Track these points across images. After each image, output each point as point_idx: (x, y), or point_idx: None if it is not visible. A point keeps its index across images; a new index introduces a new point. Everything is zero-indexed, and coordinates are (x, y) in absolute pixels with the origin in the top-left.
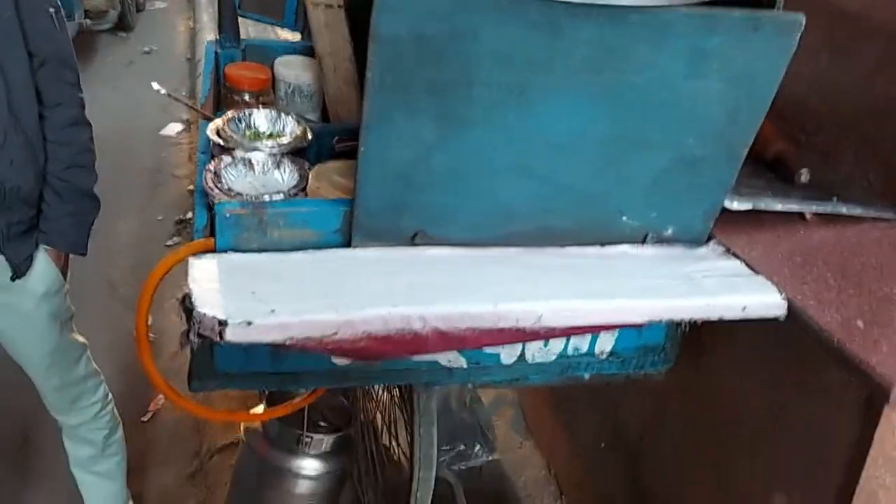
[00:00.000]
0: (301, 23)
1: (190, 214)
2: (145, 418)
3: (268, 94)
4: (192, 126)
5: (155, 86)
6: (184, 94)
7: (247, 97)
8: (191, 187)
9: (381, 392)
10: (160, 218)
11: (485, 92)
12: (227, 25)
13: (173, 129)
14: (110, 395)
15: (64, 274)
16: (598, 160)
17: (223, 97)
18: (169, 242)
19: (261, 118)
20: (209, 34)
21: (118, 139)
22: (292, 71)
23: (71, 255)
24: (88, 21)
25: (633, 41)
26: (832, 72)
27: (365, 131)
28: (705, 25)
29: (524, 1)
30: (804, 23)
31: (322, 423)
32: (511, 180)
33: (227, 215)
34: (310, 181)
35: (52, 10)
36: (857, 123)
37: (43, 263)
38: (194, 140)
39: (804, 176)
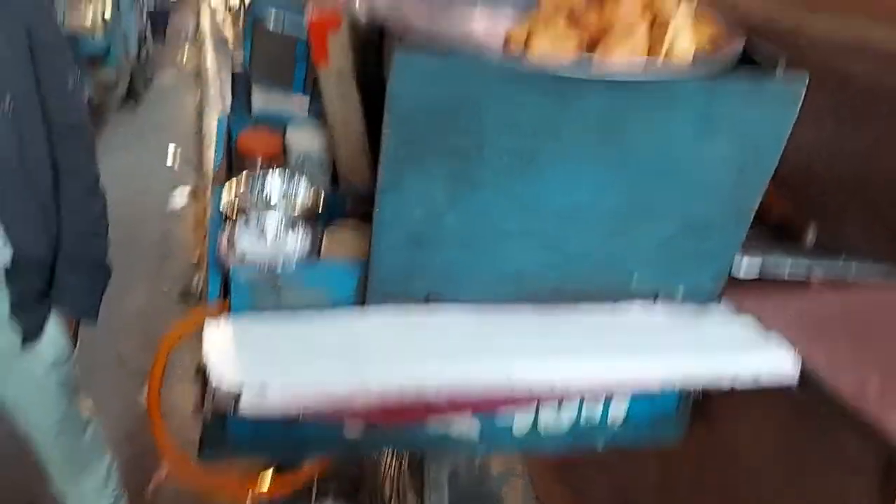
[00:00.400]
0: (311, 89)
1: (195, 285)
2: (149, 490)
3: (279, 162)
4: (198, 196)
5: (169, 161)
6: (191, 167)
7: (258, 165)
8: (195, 262)
9: (390, 461)
10: (166, 290)
11: (495, 158)
12: (239, 95)
13: (179, 199)
14: (116, 465)
15: (73, 342)
16: (608, 225)
17: (235, 166)
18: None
19: (275, 179)
20: (216, 108)
21: (125, 211)
22: (303, 139)
23: (80, 326)
24: (98, 95)
25: (639, 111)
26: (837, 137)
27: (380, 195)
28: (711, 94)
29: (533, 74)
30: (806, 89)
31: (330, 492)
32: (521, 243)
33: (242, 280)
34: (324, 243)
35: (71, 80)
36: (863, 189)
37: (54, 330)
38: (200, 211)
39: (811, 238)
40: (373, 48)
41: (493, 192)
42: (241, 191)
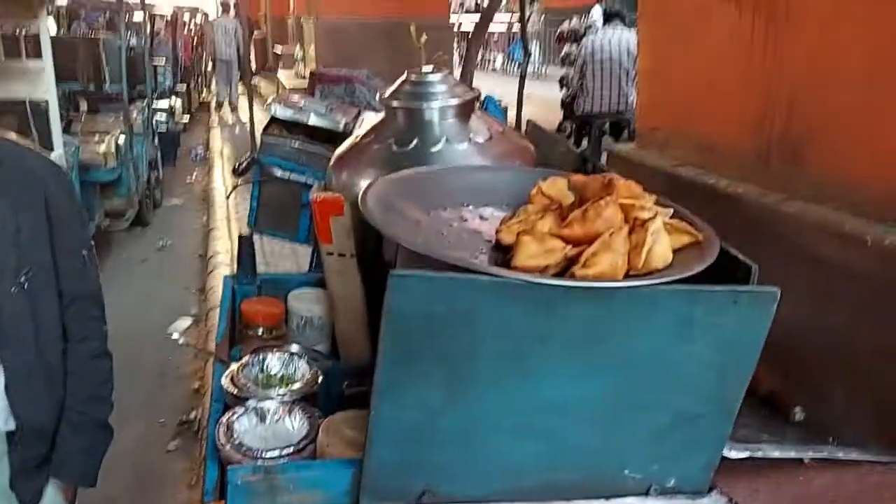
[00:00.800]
0: (314, 247)
1: (193, 415)
2: None
3: (280, 328)
4: (199, 323)
5: (175, 335)
6: (195, 291)
7: (260, 332)
8: (195, 386)
9: None
10: (162, 420)
11: (487, 361)
12: (244, 262)
13: (182, 325)
14: None
15: None
16: (598, 421)
17: (238, 333)
18: (170, 447)
19: (274, 361)
20: (222, 230)
21: (126, 337)
22: (304, 305)
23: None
24: (107, 221)
25: (620, 315)
26: (817, 315)
27: (376, 397)
28: (687, 300)
29: (520, 285)
30: (779, 295)
31: None
32: (516, 440)
33: (239, 482)
34: (319, 436)
35: (85, 251)
36: (846, 361)
37: (52, 497)
38: (201, 338)
39: (798, 415)
40: (374, 231)
41: (486, 393)
42: (242, 374)
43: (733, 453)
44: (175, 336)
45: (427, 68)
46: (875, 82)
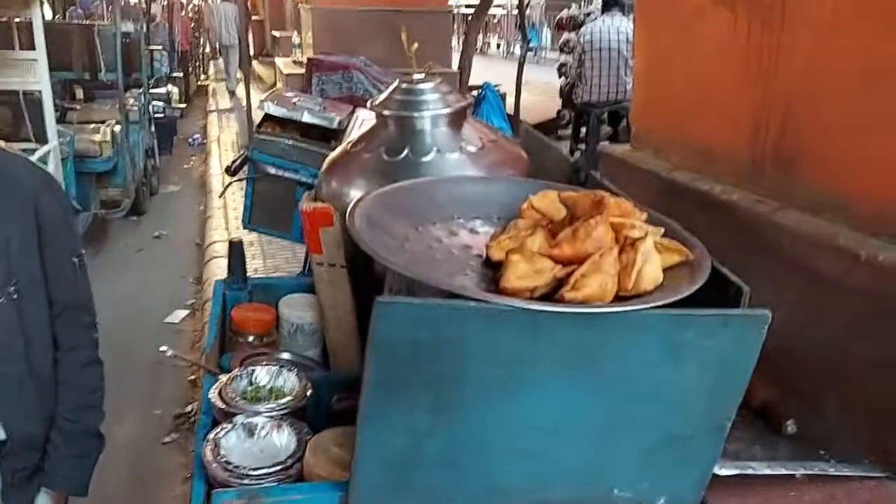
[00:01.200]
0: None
1: (189, 408)
2: None
3: (272, 335)
4: (196, 313)
5: (163, 349)
6: (191, 280)
7: (251, 338)
8: (192, 378)
9: None
10: (158, 412)
11: (475, 386)
12: (235, 268)
13: (178, 316)
14: None
15: None
16: (587, 442)
17: (229, 339)
18: (167, 439)
19: (262, 374)
20: (219, 219)
21: (122, 327)
22: (295, 311)
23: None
24: (103, 211)
25: (609, 339)
26: (809, 326)
27: (362, 423)
28: (678, 323)
29: (507, 310)
30: (770, 319)
31: None
32: (505, 461)
33: None
34: (307, 455)
35: (76, 259)
36: (839, 375)
37: None
38: (198, 327)
39: (790, 428)
40: None
41: (473, 416)
42: (230, 388)
43: (723, 471)
44: (164, 349)
45: (418, 76)
46: (869, 95)
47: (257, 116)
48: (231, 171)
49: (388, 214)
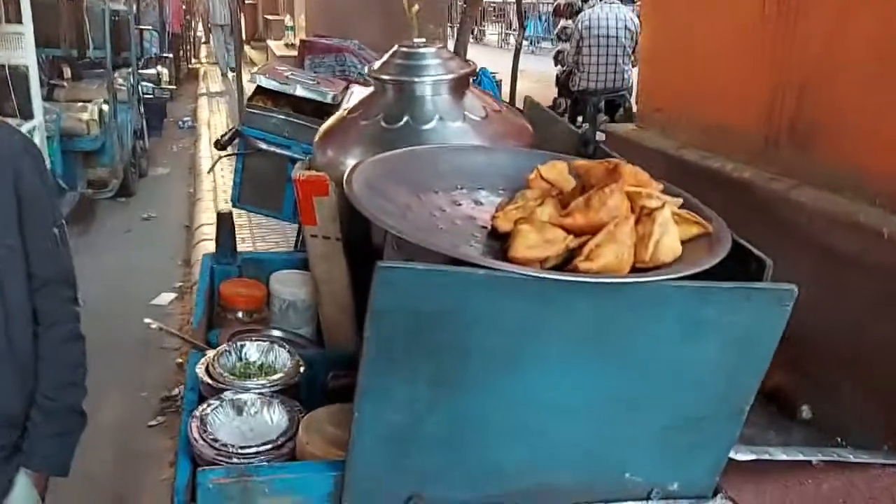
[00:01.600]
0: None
1: (176, 391)
2: None
3: (262, 312)
4: (184, 296)
5: (148, 321)
6: (179, 263)
7: (240, 314)
8: (179, 360)
9: None
10: (145, 394)
11: (480, 359)
12: (224, 241)
13: (165, 298)
14: None
15: (42, 497)
16: (597, 420)
17: (216, 315)
18: (153, 422)
19: (252, 349)
20: (208, 201)
21: (108, 309)
22: (287, 287)
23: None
24: (90, 191)
25: (626, 312)
26: (824, 306)
27: (360, 398)
28: (698, 297)
29: (518, 279)
30: (797, 292)
31: None
32: (509, 441)
33: (210, 486)
34: (300, 433)
35: (56, 230)
36: (855, 357)
37: (23, 487)
38: (186, 310)
39: (805, 413)
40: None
41: (476, 392)
42: (218, 363)
43: (739, 455)
44: (148, 321)
45: (419, 40)
46: (891, 70)
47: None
48: (221, 144)
49: (388, 180)
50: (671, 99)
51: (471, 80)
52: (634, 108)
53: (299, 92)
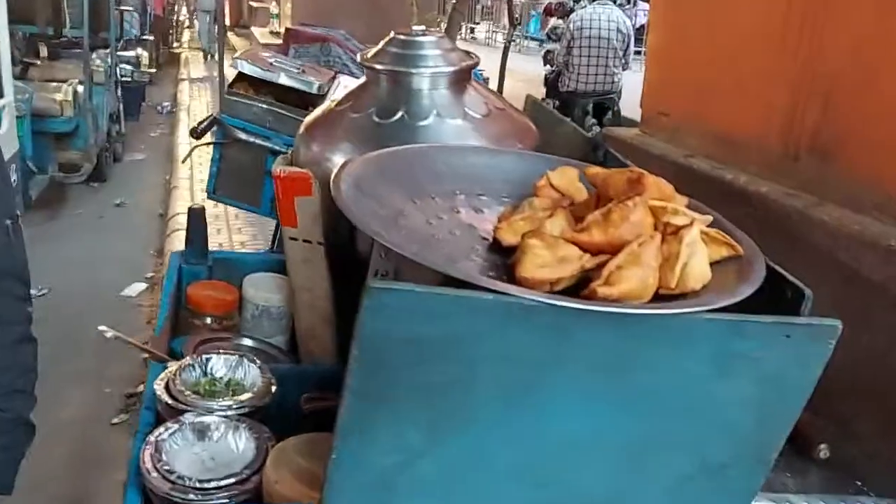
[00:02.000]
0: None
1: (142, 387)
2: None
3: (233, 318)
4: (155, 287)
5: (103, 328)
6: (152, 253)
7: (209, 321)
8: (146, 355)
9: None
10: (108, 391)
11: (483, 394)
12: (194, 239)
13: (135, 289)
14: None
15: None
16: (612, 464)
17: (183, 320)
18: (115, 420)
19: (219, 364)
20: (185, 190)
21: (74, 299)
22: (261, 292)
23: None
24: (61, 174)
25: (647, 345)
26: (846, 337)
27: (340, 437)
28: (731, 332)
29: (530, 305)
30: (841, 329)
31: None
32: (513, 486)
33: None
34: (267, 467)
35: (9, 221)
36: (877, 394)
37: None
38: (156, 302)
39: (823, 452)
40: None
41: (479, 431)
42: (180, 379)
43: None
44: (103, 328)
45: (419, 28)
46: None
47: None
48: (197, 133)
49: (380, 182)
50: (680, 102)
51: (472, 74)
52: (622, 113)
53: (283, 80)
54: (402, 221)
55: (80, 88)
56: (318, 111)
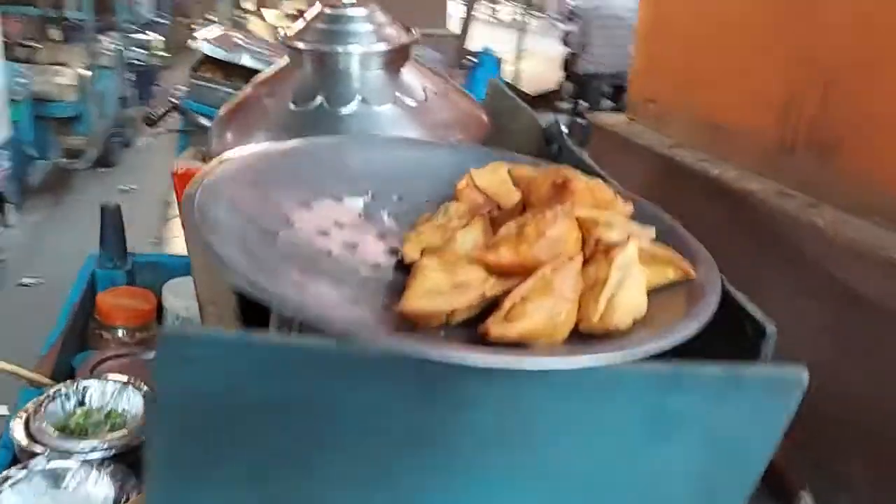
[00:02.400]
0: None
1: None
2: None
3: (149, 329)
4: None
5: None
6: (153, 240)
7: (120, 333)
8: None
9: None
10: None
11: (337, 472)
12: (108, 240)
13: None
14: None
15: None
16: None
17: (90, 334)
18: None
19: (97, 392)
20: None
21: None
22: (182, 300)
23: None
24: (64, 160)
25: (561, 405)
26: (842, 364)
27: None
28: (669, 385)
29: (402, 360)
30: (807, 381)
31: None
32: None
33: None
34: None
35: None
36: (869, 433)
37: None
38: None
39: (805, 502)
40: None
41: None
42: (46, 411)
43: None
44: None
45: (349, 0)
46: None
47: None
48: (151, 121)
49: (271, 183)
50: (668, 87)
51: (411, 52)
52: None
53: (245, 61)
54: (283, 233)
55: (85, 72)
56: (235, 98)
